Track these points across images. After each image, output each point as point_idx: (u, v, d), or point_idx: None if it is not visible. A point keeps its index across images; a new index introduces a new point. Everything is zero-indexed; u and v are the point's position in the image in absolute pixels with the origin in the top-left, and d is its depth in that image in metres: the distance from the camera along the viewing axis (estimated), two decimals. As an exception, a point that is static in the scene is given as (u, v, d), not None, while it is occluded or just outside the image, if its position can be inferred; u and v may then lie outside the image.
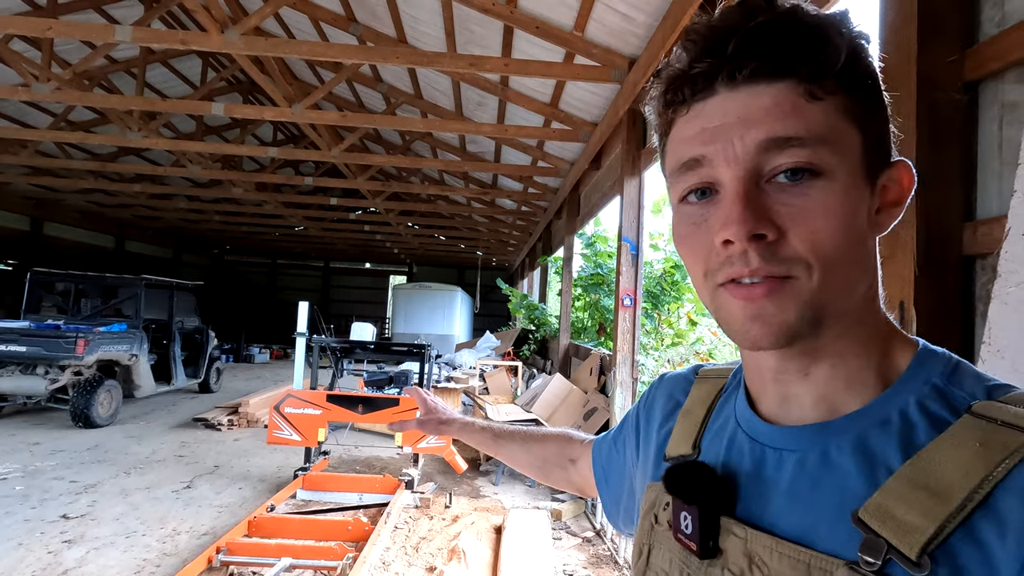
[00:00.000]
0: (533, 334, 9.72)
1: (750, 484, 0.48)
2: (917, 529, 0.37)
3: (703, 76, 0.44)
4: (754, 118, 0.42)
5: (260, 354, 15.13)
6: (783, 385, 0.48)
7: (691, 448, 0.55)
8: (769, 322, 0.42)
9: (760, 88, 0.42)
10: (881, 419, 0.43)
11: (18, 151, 8.49)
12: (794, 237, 0.41)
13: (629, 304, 4.37)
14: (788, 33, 0.42)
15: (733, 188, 0.42)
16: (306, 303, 4.89)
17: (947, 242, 1.41)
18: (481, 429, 0.98)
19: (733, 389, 0.57)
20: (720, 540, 0.47)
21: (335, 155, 7.61)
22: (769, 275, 0.42)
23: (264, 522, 3.49)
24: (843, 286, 0.43)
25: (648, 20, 3.90)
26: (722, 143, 0.43)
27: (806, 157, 0.41)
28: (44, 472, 4.83)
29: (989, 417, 0.39)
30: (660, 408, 0.65)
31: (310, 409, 4.47)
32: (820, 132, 0.41)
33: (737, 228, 0.41)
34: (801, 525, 0.43)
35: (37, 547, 3.39)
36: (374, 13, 5.69)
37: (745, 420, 0.52)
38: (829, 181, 0.41)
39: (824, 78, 0.41)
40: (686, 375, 0.65)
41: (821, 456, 0.44)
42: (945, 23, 1.44)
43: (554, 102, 5.81)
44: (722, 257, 0.43)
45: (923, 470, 0.39)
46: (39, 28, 4.18)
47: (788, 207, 0.41)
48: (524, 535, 3.58)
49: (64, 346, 6.15)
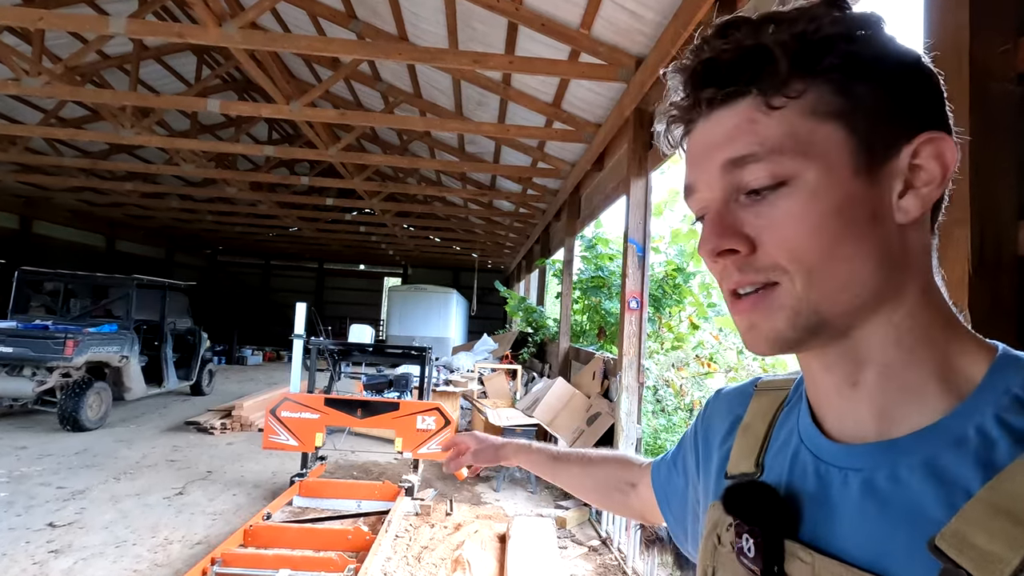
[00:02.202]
0: (531, 337, 9.62)
1: (815, 505, 0.46)
2: (1001, 559, 0.34)
3: (684, 112, 0.46)
4: (716, 142, 0.44)
5: (253, 356, 14.94)
6: (837, 397, 0.46)
7: (754, 466, 0.53)
8: (760, 330, 0.43)
9: (724, 112, 0.43)
10: (956, 436, 0.40)
11: (7, 148, 8.31)
12: (768, 246, 0.42)
13: (636, 307, 4.28)
14: (733, 56, 0.42)
15: (711, 208, 0.45)
16: (303, 304, 4.77)
17: (1001, 241, 1.33)
18: (538, 451, 0.94)
19: (795, 402, 0.54)
20: (785, 565, 0.45)
21: (332, 154, 7.49)
22: (753, 285, 0.43)
23: (261, 531, 3.37)
24: (837, 286, 0.41)
25: (657, 18, 3.82)
26: (700, 170, 0.46)
27: (765, 171, 0.41)
28: (30, 477, 4.67)
29: None
30: (719, 424, 0.62)
31: (307, 413, 4.35)
32: (777, 142, 0.41)
33: (707, 246, 0.44)
34: (872, 552, 0.41)
35: (22, 557, 3.25)
36: (374, 10, 5.59)
37: (808, 436, 0.49)
38: (795, 188, 0.41)
39: (775, 88, 0.41)
40: (744, 388, 0.63)
41: (890, 477, 0.42)
42: (998, 10, 1.37)
43: (556, 102, 5.73)
44: (717, 274, 0.46)
45: (1005, 493, 0.36)
46: (31, 19, 4.04)
47: (758, 219, 0.42)
48: (530, 544, 3.48)
49: (52, 347, 5.98)
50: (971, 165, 1.32)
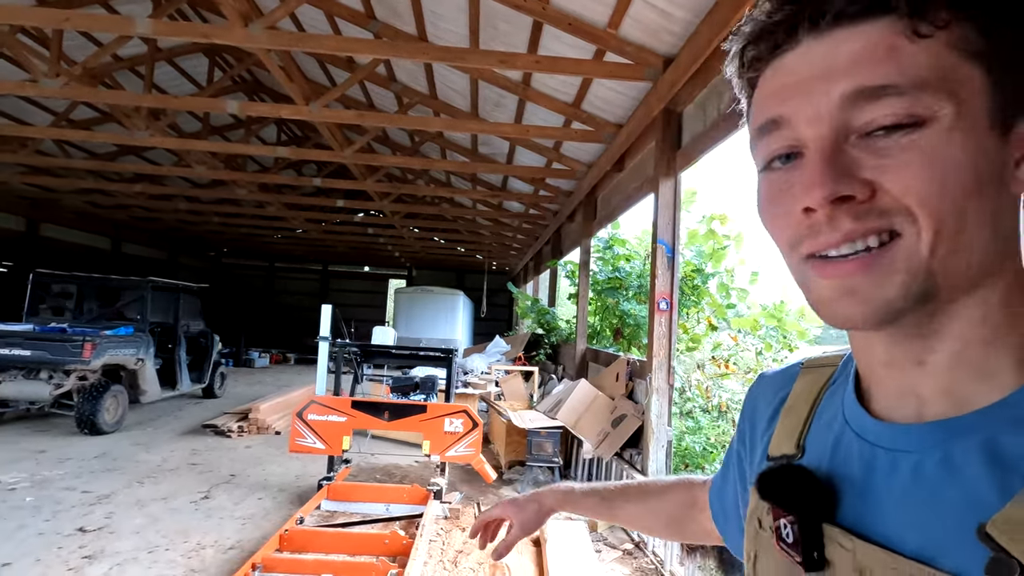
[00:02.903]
0: (544, 338, 9.59)
1: (858, 489, 0.43)
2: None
3: (783, 26, 0.39)
4: (840, 67, 0.36)
5: (260, 358, 14.89)
6: (897, 375, 0.42)
7: (795, 447, 0.50)
8: (864, 298, 0.37)
9: (849, 32, 0.37)
10: (1017, 415, 0.36)
11: (17, 149, 8.26)
12: (892, 187, 0.36)
13: (665, 308, 4.25)
14: None
15: (816, 148, 0.37)
16: (328, 306, 4.74)
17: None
18: (583, 495, 0.87)
19: (842, 381, 0.51)
20: (826, 551, 0.42)
21: (347, 156, 7.46)
22: (867, 234, 0.36)
23: (296, 535, 3.33)
24: (961, 249, 0.36)
25: (688, 16, 3.79)
26: (803, 99, 0.38)
27: (905, 107, 0.35)
28: (53, 482, 4.63)
29: None
30: (764, 408, 0.59)
31: (334, 416, 4.32)
32: (923, 76, 0.35)
33: (818, 192, 0.36)
34: (918, 538, 0.38)
35: (56, 563, 3.22)
36: (394, 10, 5.57)
37: (854, 416, 0.46)
38: (934, 129, 0.35)
39: (928, 10, 0.35)
40: (789, 369, 0.59)
41: (943, 459, 0.38)
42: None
43: (577, 102, 5.71)
44: (804, 226, 0.38)
45: None
46: (56, 19, 4.01)
47: (883, 160, 0.36)
48: (566, 548, 3.45)
49: (70, 350, 5.94)
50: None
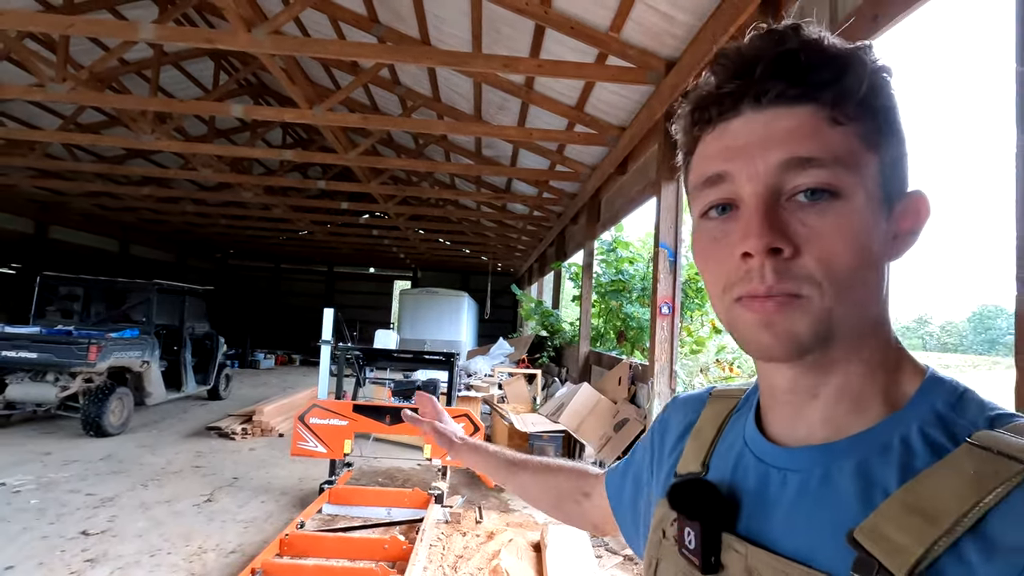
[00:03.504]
0: (548, 341, 9.57)
1: (753, 502, 0.50)
2: (906, 550, 0.38)
3: (730, 96, 0.45)
4: (777, 138, 0.43)
5: (265, 360, 14.95)
6: (793, 405, 0.50)
7: (700, 466, 0.57)
8: (779, 332, 0.43)
9: (784, 110, 0.44)
10: (883, 443, 0.44)
11: (26, 153, 8.34)
12: (808, 255, 0.43)
13: (667, 312, 4.24)
14: (814, 60, 0.43)
15: (753, 203, 0.44)
16: (331, 310, 4.74)
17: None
18: (493, 454, 0.93)
19: (745, 410, 0.58)
20: (722, 556, 0.48)
21: (351, 158, 7.48)
22: (784, 292, 0.43)
23: (296, 540, 3.34)
24: (853, 307, 0.44)
25: (691, 20, 3.78)
26: (745, 160, 0.44)
27: (825, 178, 0.42)
28: (59, 484, 4.67)
29: (986, 446, 0.40)
30: (674, 428, 0.66)
31: (336, 420, 4.33)
32: (840, 155, 0.43)
33: (756, 241, 0.42)
34: (800, 543, 0.45)
35: (59, 567, 3.23)
36: (398, 14, 5.58)
37: (752, 440, 0.53)
38: (846, 203, 0.43)
39: (846, 105, 0.43)
40: (700, 395, 0.67)
41: (823, 477, 0.46)
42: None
43: (580, 105, 5.70)
44: (741, 271, 0.44)
45: (917, 494, 0.40)
46: (61, 25, 4.05)
47: (805, 226, 0.43)
48: (566, 554, 3.43)
49: (76, 352, 5.98)
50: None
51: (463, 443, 0.95)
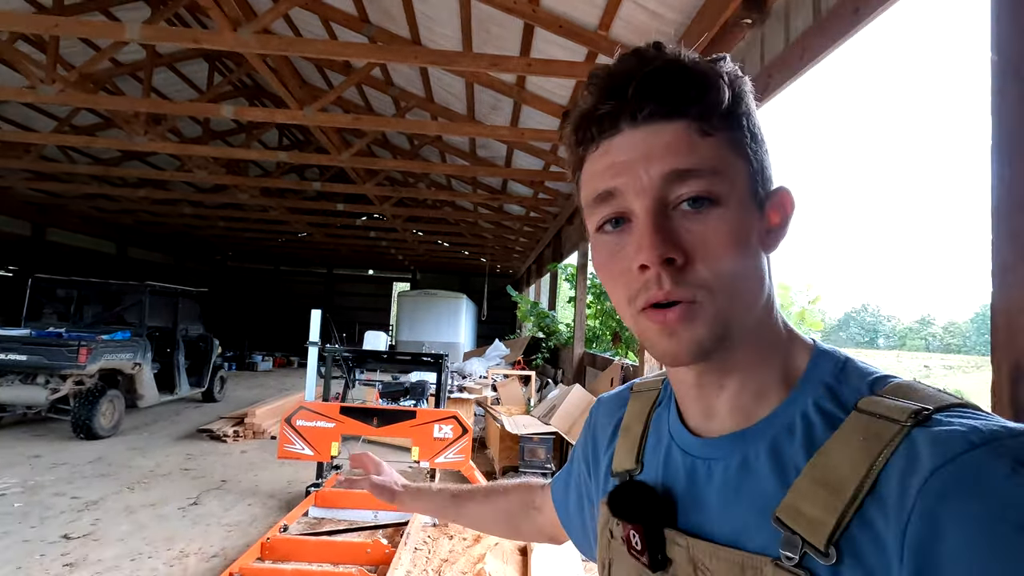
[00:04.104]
0: (544, 342, 9.53)
1: (687, 495, 0.52)
2: (822, 523, 0.40)
3: (608, 116, 0.48)
4: (656, 154, 0.46)
5: (263, 362, 14.92)
6: (704, 398, 0.52)
7: (635, 462, 0.59)
8: (682, 339, 0.46)
9: (658, 127, 0.47)
10: (787, 423, 0.47)
11: (21, 155, 8.34)
12: (699, 262, 0.45)
13: (657, 313, 4.19)
14: (678, 78, 0.46)
15: (644, 217, 0.46)
16: (318, 311, 4.70)
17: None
18: (436, 493, 0.92)
19: (666, 403, 0.60)
20: (667, 551, 0.50)
21: (344, 159, 7.46)
22: (680, 298, 0.45)
23: (278, 544, 3.29)
24: (743, 304, 0.47)
25: (679, 18, 3.74)
26: (630, 176, 0.47)
27: (704, 187, 0.46)
28: (44, 487, 4.63)
29: (869, 412, 0.43)
30: (603, 429, 0.68)
31: (323, 422, 4.28)
32: (713, 164, 0.46)
33: (649, 253, 0.45)
34: (733, 529, 0.47)
35: (37, 571, 3.19)
36: (388, 13, 5.55)
37: (677, 434, 0.56)
38: (724, 208, 0.46)
39: (712, 117, 0.47)
40: (622, 393, 0.69)
41: (741, 463, 0.48)
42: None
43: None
44: (640, 282, 0.46)
45: (822, 467, 0.43)
46: (46, 26, 4.03)
47: (692, 233, 0.46)
48: (553, 558, 3.38)
49: (66, 355, 5.95)
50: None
51: (404, 490, 0.92)
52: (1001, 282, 1.33)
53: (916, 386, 0.44)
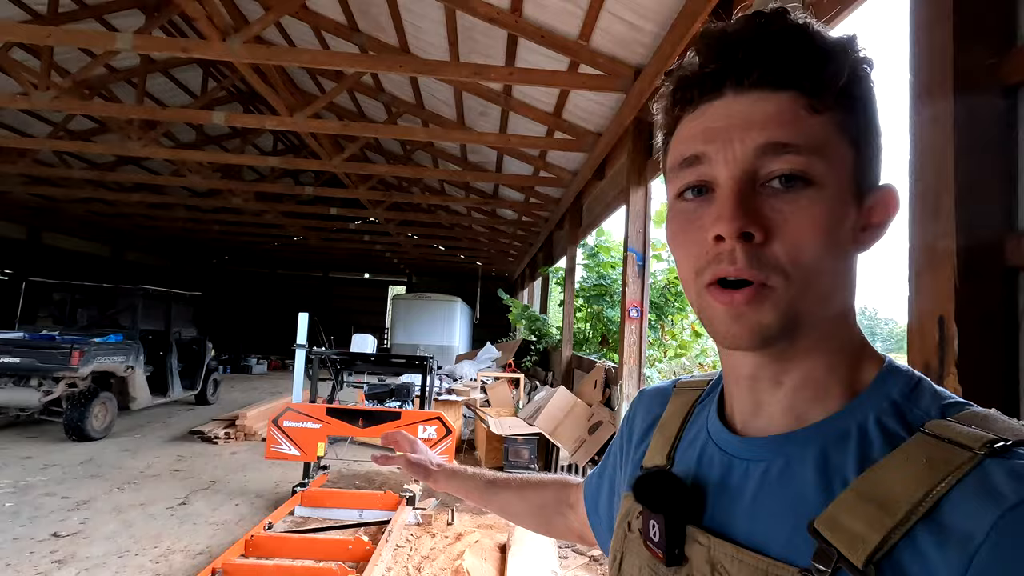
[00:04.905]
0: (534, 345, 9.62)
1: (717, 493, 0.50)
2: (864, 539, 0.39)
3: (712, 77, 0.46)
4: (756, 122, 0.44)
5: (258, 365, 14.98)
6: (756, 393, 0.50)
7: (665, 459, 0.57)
8: (748, 322, 0.44)
9: (765, 95, 0.44)
10: (841, 432, 0.45)
11: (16, 160, 8.42)
12: (778, 243, 0.43)
13: (636, 316, 4.29)
14: (797, 46, 0.44)
15: (728, 186, 0.44)
16: (305, 314, 4.80)
17: (988, 253, 1.34)
18: (472, 476, 0.91)
19: (708, 401, 0.58)
20: (685, 548, 0.49)
21: (336, 164, 7.56)
22: (753, 278, 0.43)
23: (262, 541, 3.38)
24: (819, 296, 0.44)
25: (655, 29, 3.86)
26: (723, 143, 0.44)
27: (801, 165, 0.43)
28: (35, 488, 4.71)
29: (938, 435, 0.41)
30: (640, 424, 0.66)
31: (309, 423, 4.37)
32: (816, 143, 0.43)
33: (728, 225, 0.43)
34: (762, 533, 0.45)
35: (26, 567, 3.27)
36: (377, 22, 5.66)
37: (715, 431, 0.54)
38: (819, 191, 0.43)
39: (825, 93, 0.43)
40: (664, 389, 0.67)
41: (784, 467, 0.46)
42: (982, 24, 1.38)
43: (557, 112, 5.77)
44: (712, 254, 0.44)
45: (873, 483, 0.41)
46: (39, 36, 4.13)
47: (778, 212, 0.43)
48: (530, 554, 3.47)
49: (59, 357, 6.04)
50: (956, 177, 1.33)
51: (440, 469, 0.91)
52: (916, 287, 1.43)
53: (996, 416, 0.41)
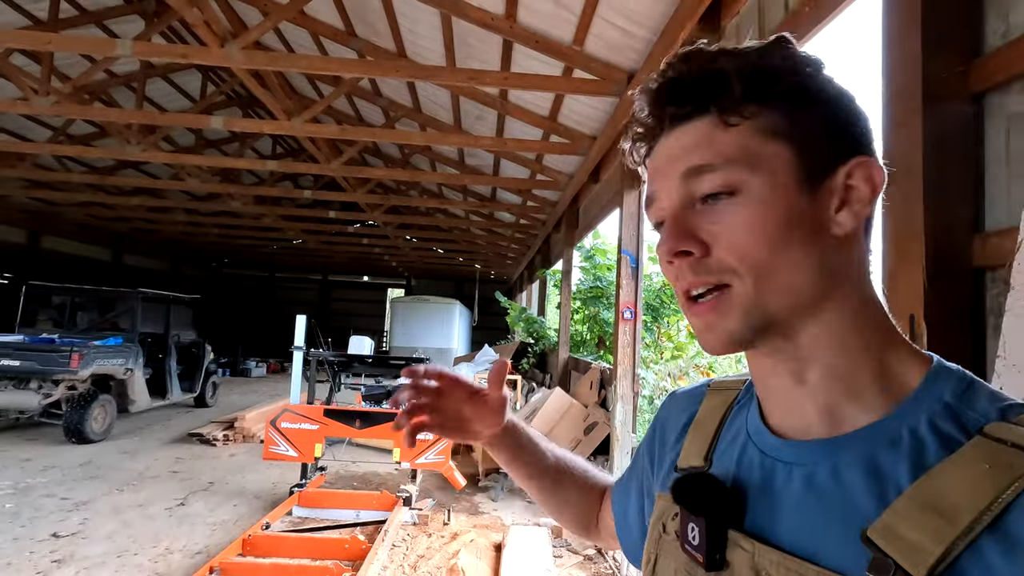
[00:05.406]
0: (532, 347, 9.67)
1: (759, 497, 0.48)
2: (925, 550, 0.37)
3: (650, 128, 0.51)
4: (677, 154, 0.48)
5: (257, 368, 15.01)
6: (782, 392, 0.49)
7: (703, 460, 0.56)
8: (716, 330, 0.46)
9: (685, 128, 0.48)
10: (891, 436, 0.43)
11: (16, 164, 8.48)
12: (718, 251, 0.46)
13: (629, 317, 4.33)
14: (695, 79, 0.47)
15: (668, 216, 0.49)
16: (303, 317, 4.84)
17: (956, 254, 1.39)
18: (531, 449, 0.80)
19: (746, 401, 0.57)
20: (727, 552, 0.47)
21: (334, 168, 7.61)
22: (706, 286, 0.46)
23: (259, 540, 3.42)
24: (787, 289, 0.45)
25: (647, 35, 3.91)
26: (662, 179, 0.49)
27: (720, 180, 0.46)
28: (35, 489, 4.75)
29: (1000, 439, 0.39)
30: (673, 424, 0.65)
31: (307, 424, 4.41)
32: (731, 155, 0.46)
33: (664, 247, 0.47)
34: (809, 541, 0.43)
35: (26, 567, 3.31)
36: (374, 28, 5.72)
37: (756, 432, 0.52)
38: (744, 196, 0.45)
39: (737, 107, 0.46)
40: (698, 389, 0.66)
41: (831, 472, 0.45)
42: (950, 34, 1.44)
43: (553, 115, 5.83)
44: (672, 276, 0.49)
45: (932, 491, 0.39)
46: (40, 42, 4.18)
47: (712, 225, 0.46)
48: (524, 553, 3.51)
49: (59, 360, 6.08)
50: (925, 181, 1.38)
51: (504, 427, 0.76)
52: (888, 286, 1.48)
53: None
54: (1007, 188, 1.38)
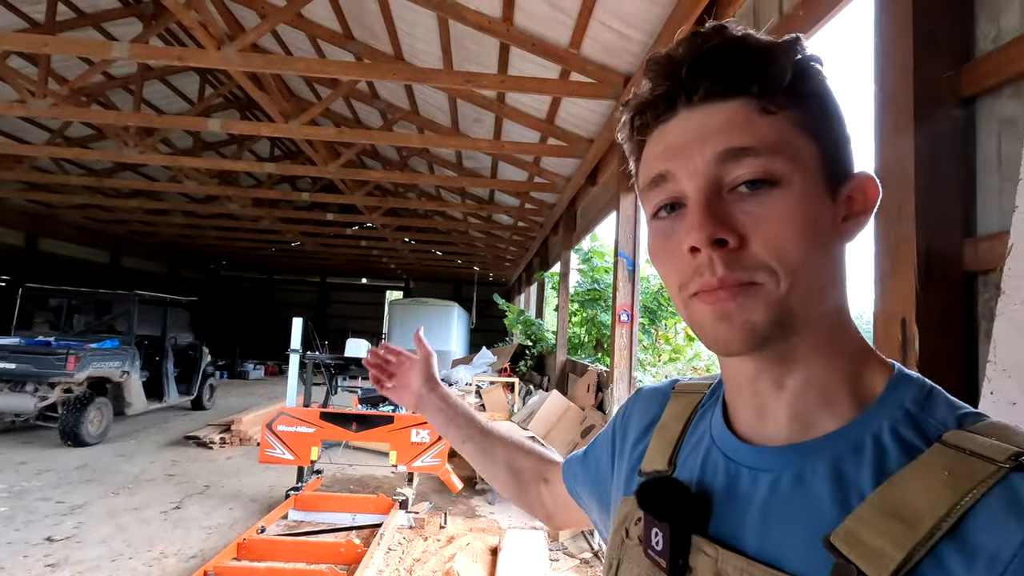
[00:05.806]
0: (530, 350, 9.67)
1: (724, 503, 0.48)
2: (886, 556, 0.37)
3: (664, 99, 0.47)
4: (711, 132, 0.44)
5: (254, 370, 14.99)
6: (759, 397, 0.48)
7: (666, 464, 0.55)
8: (736, 322, 0.43)
9: (716, 106, 0.45)
10: (855, 443, 0.43)
11: (13, 166, 8.47)
12: (756, 244, 0.42)
13: (626, 320, 4.34)
14: (737, 55, 0.44)
15: (695, 198, 0.44)
16: (299, 319, 4.84)
17: (948, 258, 1.39)
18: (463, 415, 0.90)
19: (711, 405, 0.57)
20: (690, 558, 0.47)
21: (332, 171, 7.62)
22: (737, 283, 0.42)
23: (254, 544, 3.40)
24: (811, 291, 0.44)
25: (643, 38, 3.93)
26: (683, 158, 0.45)
27: (762, 166, 0.43)
28: (30, 492, 4.73)
29: (958, 446, 0.39)
30: (636, 423, 0.64)
31: (303, 427, 4.40)
32: (773, 143, 0.43)
33: (699, 234, 0.42)
34: (773, 546, 0.43)
35: (20, 571, 3.30)
36: (371, 31, 5.73)
37: (720, 437, 0.52)
38: (786, 189, 0.43)
39: (774, 93, 0.44)
40: (663, 389, 0.65)
41: (795, 478, 0.44)
42: (941, 38, 1.44)
43: (550, 118, 5.84)
44: (692, 267, 0.44)
45: (893, 497, 0.39)
46: (36, 44, 4.18)
47: (748, 215, 0.43)
48: (520, 557, 3.50)
49: (54, 363, 6.06)
50: (916, 185, 1.38)
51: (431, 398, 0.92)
52: (880, 290, 1.48)
53: (1015, 428, 0.41)
54: (999, 192, 1.38)
